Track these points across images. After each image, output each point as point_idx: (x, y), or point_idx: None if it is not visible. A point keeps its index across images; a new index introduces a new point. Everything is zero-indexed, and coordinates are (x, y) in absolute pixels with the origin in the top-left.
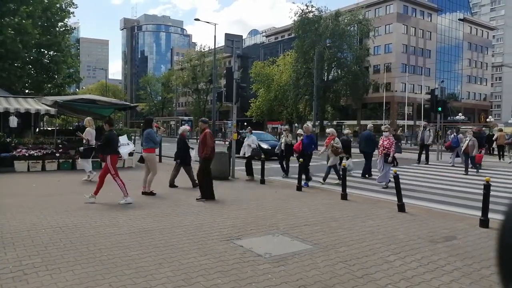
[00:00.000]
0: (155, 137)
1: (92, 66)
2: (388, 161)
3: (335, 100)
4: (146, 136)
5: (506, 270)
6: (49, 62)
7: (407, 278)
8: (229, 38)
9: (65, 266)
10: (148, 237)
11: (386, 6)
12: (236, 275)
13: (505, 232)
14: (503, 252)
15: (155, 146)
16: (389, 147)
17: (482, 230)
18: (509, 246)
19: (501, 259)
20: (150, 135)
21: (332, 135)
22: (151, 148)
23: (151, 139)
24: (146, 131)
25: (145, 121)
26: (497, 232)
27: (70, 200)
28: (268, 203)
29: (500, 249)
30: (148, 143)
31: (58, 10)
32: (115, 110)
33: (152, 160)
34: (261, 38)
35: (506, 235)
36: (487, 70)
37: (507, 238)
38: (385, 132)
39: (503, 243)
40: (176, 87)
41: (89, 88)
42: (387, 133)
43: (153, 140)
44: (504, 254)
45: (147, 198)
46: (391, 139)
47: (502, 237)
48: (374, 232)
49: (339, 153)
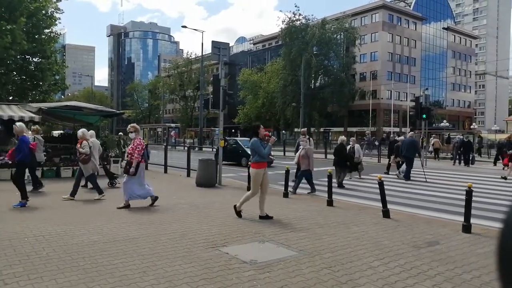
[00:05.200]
0: (262, 149)
1: (78, 73)
2: (130, 172)
3: (322, 107)
4: (251, 148)
5: (506, 276)
6: (34, 69)
7: (390, 284)
8: (216, 46)
9: (47, 275)
10: (132, 245)
11: (371, 15)
12: (221, 282)
13: (505, 237)
14: (504, 257)
15: (262, 159)
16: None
17: (465, 236)
18: (509, 251)
19: (501, 264)
20: (254, 146)
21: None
22: (259, 162)
23: (256, 151)
24: (251, 142)
25: (251, 127)
26: (498, 237)
27: (54, 208)
28: (255, 210)
29: (500, 254)
30: (253, 156)
31: (44, 17)
32: (101, 117)
33: (252, 177)
34: (249, 45)
35: (506, 240)
36: (471, 78)
37: (507, 243)
38: (302, 141)
39: (503, 248)
40: (163, 94)
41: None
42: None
43: (259, 152)
44: (505, 259)
45: (131, 206)
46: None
47: (502, 242)
48: (359, 238)
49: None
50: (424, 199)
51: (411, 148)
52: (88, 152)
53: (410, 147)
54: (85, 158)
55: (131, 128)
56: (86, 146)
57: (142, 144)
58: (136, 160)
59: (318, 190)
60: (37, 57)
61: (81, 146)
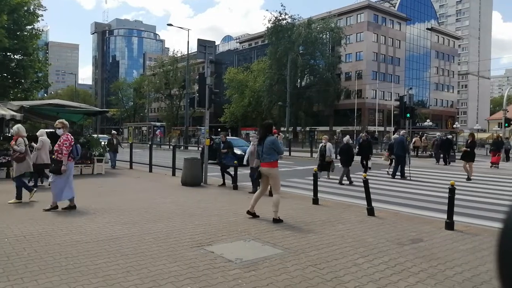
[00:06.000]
0: (280, 147)
1: (61, 71)
2: (62, 170)
3: (308, 106)
4: (270, 146)
5: (506, 276)
6: (15, 66)
7: (374, 280)
8: (202, 44)
9: (28, 276)
10: (116, 245)
11: (357, 15)
12: (206, 281)
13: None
14: (503, 258)
15: (278, 158)
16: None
17: (448, 232)
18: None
19: (501, 264)
20: (275, 144)
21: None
22: (276, 161)
23: (276, 149)
24: (270, 139)
25: (265, 126)
26: (497, 239)
27: (35, 207)
28: (240, 209)
29: (500, 255)
30: (271, 154)
31: (26, 13)
32: (85, 115)
33: (276, 177)
34: (235, 44)
35: (506, 241)
36: (454, 78)
37: (506, 244)
38: (252, 137)
39: (502, 249)
40: (148, 92)
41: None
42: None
43: (278, 150)
44: (504, 259)
45: (114, 205)
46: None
47: (502, 243)
48: (344, 236)
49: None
50: (408, 197)
51: (401, 146)
52: (23, 150)
53: (400, 145)
54: (19, 156)
55: (59, 124)
56: (22, 144)
57: (70, 140)
58: (65, 157)
59: (304, 188)
60: (19, 54)
61: (16, 144)
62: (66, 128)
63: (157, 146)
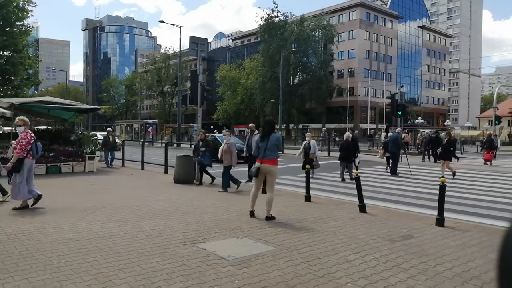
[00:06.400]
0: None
1: (52, 68)
2: (6, 168)
3: (300, 104)
4: (275, 143)
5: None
6: (5, 63)
7: (366, 276)
8: (194, 41)
9: (19, 275)
10: (108, 243)
11: (349, 13)
12: (199, 278)
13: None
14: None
15: (278, 155)
16: None
17: (438, 229)
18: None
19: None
20: (280, 142)
21: None
22: (277, 159)
23: (280, 147)
24: (276, 136)
25: (270, 122)
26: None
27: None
28: (233, 206)
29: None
30: (274, 152)
31: (15, 9)
32: (76, 113)
33: (275, 175)
34: (227, 41)
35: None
36: (445, 76)
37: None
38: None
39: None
40: (140, 89)
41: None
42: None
43: (280, 148)
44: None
45: (106, 203)
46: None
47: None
48: (335, 232)
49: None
50: (399, 193)
51: (395, 144)
52: None
53: (395, 143)
54: None
55: (20, 121)
56: None
57: (28, 138)
58: (17, 155)
59: (297, 186)
60: (8, 51)
61: None
62: (27, 125)
63: (149, 143)
